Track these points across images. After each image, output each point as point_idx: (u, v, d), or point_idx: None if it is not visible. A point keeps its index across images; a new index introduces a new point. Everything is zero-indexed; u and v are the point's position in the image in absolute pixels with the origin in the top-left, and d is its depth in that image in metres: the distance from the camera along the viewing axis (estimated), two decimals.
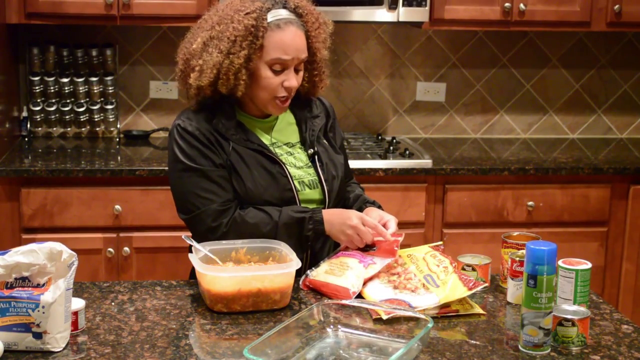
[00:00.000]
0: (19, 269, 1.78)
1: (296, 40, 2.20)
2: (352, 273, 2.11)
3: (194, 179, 2.22)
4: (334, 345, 1.87)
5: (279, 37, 2.19)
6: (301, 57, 2.22)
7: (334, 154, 2.39)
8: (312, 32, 2.25)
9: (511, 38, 4.17)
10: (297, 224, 2.21)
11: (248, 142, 2.26)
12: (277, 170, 2.26)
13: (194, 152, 2.22)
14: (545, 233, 3.31)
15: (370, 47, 4.10)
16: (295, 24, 2.21)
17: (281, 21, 2.20)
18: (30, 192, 3.38)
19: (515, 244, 2.17)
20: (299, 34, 2.21)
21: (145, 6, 3.59)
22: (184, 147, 2.23)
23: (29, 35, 3.87)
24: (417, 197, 3.59)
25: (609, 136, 4.35)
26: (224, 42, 2.17)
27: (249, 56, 2.17)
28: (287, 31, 2.19)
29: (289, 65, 2.21)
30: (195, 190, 2.21)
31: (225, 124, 2.25)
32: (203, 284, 2.02)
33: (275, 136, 2.34)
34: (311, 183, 2.31)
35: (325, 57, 2.34)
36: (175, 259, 3.41)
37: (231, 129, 2.25)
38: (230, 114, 2.27)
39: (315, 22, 2.27)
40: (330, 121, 2.45)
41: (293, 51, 2.20)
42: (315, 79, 2.34)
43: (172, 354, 1.79)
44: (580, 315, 1.86)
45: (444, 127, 4.25)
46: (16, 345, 1.78)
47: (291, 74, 2.22)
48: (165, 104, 4.04)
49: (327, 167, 2.33)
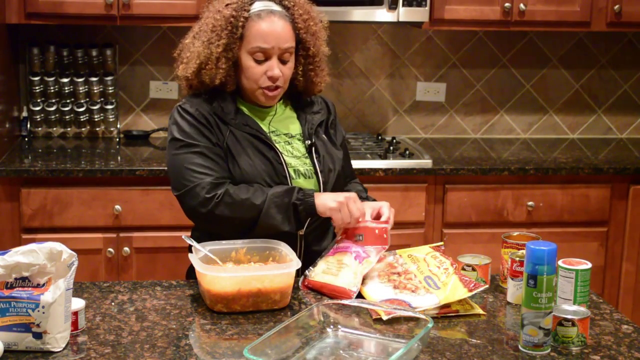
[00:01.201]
0: (19, 269, 1.78)
1: (276, 29, 2.22)
2: (348, 271, 2.11)
3: (190, 156, 2.23)
4: (334, 345, 1.87)
5: (258, 26, 2.23)
6: (283, 47, 2.23)
7: (333, 148, 2.40)
8: (299, 23, 2.27)
9: (511, 38, 4.17)
10: (286, 193, 2.19)
11: (247, 126, 2.28)
12: (273, 156, 2.27)
13: (192, 130, 2.25)
14: (545, 233, 3.31)
15: (370, 47, 4.10)
16: (277, 14, 2.24)
17: (263, 12, 2.24)
18: (30, 192, 3.38)
19: (515, 244, 2.17)
20: (282, 24, 2.23)
21: (145, 6, 3.59)
22: (182, 125, 2.26)
23: (29, 35, 3.87)
24: (417, 197, 3.59)
25: (609, 136, 4.35)
26: (206, 33, 2.26)
27: (228, 45, 2.22)
28: (268, 20, 2.23)
29: (270, 55, 2.23)
30: (191, 167, 2.22)
31: (225, 108, 2.28)
32: (203, 284, 2.02)
33: (274, 125, 2.35)
34: (307, 172, 2.31)
35: (321, 52, 2.35)
36: (175, 259, 3.40)
37: (230, 114, 2.28)
38: (230, 100, 2.30)
39: (304, 13, 2.28)
40: (331, 118, 2.46)
41: (273, 40, 2.22)
42: (310, 74, 2.34)
43: (172, 354, 1.79)
44: (580, 315, 1.86)
45: (444, 127, 4.25)
46: (16, 345, 1.78)
47: (274, 64, 2.24)
48: (165, 104, 4.04)
49: (324, 159, 2.34)
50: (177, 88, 4.01)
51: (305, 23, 2.28)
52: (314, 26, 2.31)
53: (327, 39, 2.38)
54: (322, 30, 2.35)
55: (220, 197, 2.18)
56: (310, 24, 2.30)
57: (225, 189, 2.19)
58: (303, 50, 2.30)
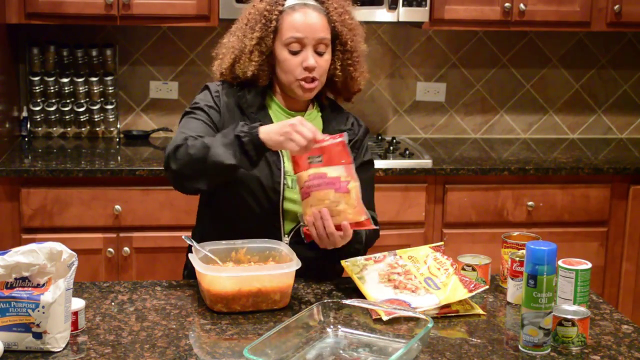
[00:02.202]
0: (19, 269, 1.78)
1: (310, 19, 2.24)
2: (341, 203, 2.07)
3: (188, 120, 2.25)
4: (334, 345, 1.87)
5: (292, 17, 2.25)
6: (317, 37, 2.24)
7: None
8: (334, 16, 2.27)
9: (511, 38, 4.17)
10: (232, 128, 2.11)
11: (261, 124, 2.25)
12: (274, 161, 2.26)
13: (202, 102, 2.28)
14: (545, 233, 3.32)
15: (370, 47, 4.07)
16: (311, 7, 2.26)
17: (297, 4, 2.26)
18: (30, 192, 3.38)
19: (515, 244, 2.17)
20: (315, 15, 2.25)
21: (145, 6, 3.59)
22: (199, 96, 2.32)
23: (29, 35, 3.87)
24: (417, 197, 3.59)
25: (609, 136, 4.35)
26: (241, 28, 2.30)
27: (261, 38, 2.25)
28: (301, 12, 2.25)
29: (305, 44, 2.24)
30: (183, 129, 2.22)
31: (250, 100, 2.30)
32: (203, 284, 2.02)
33: None
34: None
35: (360, 48, 2.35)
36: (175, 259, 3.40)
37: (253, 107, 2.29)
38: (258, 95, 2.31)
39: (339, 7, 2.30)
40: (356, 139, 2.39)
41: (306, 29, 2.23)
42: (349, 68, 2.34)
43: (172, 354, 1.79)
44: (580, 315, 1.86)
45: (444, 127, 4.25)
46: (16, 345, 1.78)
47: (308, 54, 2.24)
48: (165, 104, 4.04)
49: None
50: (177, 88, 4.01)
51: (341, 17, 2.29)
52: (350, 20, 2.32)
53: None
54: (359, 27, 2.35)
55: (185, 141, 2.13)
56: (346, 17, 2.30)
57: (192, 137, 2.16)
58: (340, 45, 2.31)
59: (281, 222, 2.27)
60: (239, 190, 2.24)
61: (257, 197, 2.25)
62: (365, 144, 2.43)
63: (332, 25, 2.28)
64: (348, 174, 2.09)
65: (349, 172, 2.09)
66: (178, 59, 4.01)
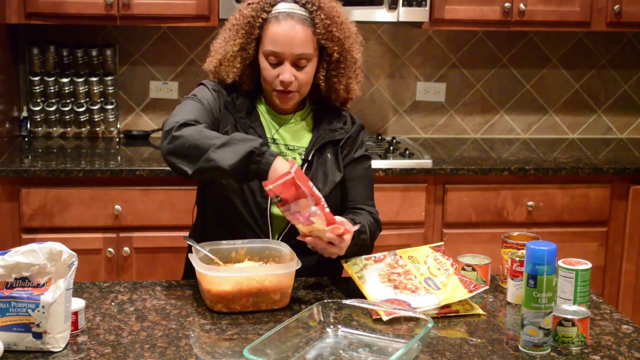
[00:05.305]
0: (19, 269, 1.78)
1: (290, 34, 2.19)
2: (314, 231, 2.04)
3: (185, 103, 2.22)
4: (334, 345, 1.87)
5: (274, 29, 2.20)
6: (296, 53, 2.19)
7: (333, 169, 2.30)
8: (319, 29, 2.21)
9: (511, 38, 4.17)
10: (251, 139, 2.05)
11: (250, 128, 2.25)
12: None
13: (199, 96, 2.25)
14: (545, 233, 3.32)
15: (370, 47, 4.10)
16: (296, 18, 2.20)
17: (281, 14, 2.21)
18: (30, 192, 3.38)
19: (515, 244, 2.17)
20: (299, 28, 2.19)
21: (145, 6, 3.59)
22: (194, 91, 2.29)
23: (29, 35, 3.87)
24: (417, 197, 3.59)
25: (609, 136, 4.35)
26: (226, 31, 2.29)
27: (243, 45, 2.23)
28: (283, 24, 2.20)
29: (282, 59, 2.21)
30: (179, 112, 2.18)
31: (239, 105, 2.27)
32: (203, 284, 2.02)
33: (281, 133, 2.30)
34: None
35: (349, 58, 2.28)
36: (175, 259, 3.39)
37: (241, 112, 2.27)
38: (247, 99, 2.29)
39: (326, 18, 2.22)
40: (347, 136, 2.34)
41: (285, 45, 2.19)
42: (332, 80, 2.29)
43: (172, 354, 1.79)
44: (580, 315, 1.86)
45: (444, 127, 4.25)
46: (16, 345, 1.78)
47: (285, 68, 2.20)
48: (165, 104, 4.04)
49: (314, 178, 2.24)
50: (177, 88, 4.01)
51: (327, 29, 2.21)
52: (337, 32, 2.23)
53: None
54: (350, 37, 2.27)
55: (187, 123, 2.09)
56: (333, 29, 2.22)
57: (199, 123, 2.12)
58: (326, 55, 2.25)
59: (269, 225, 2.25)
60: (225, 191, 2.23)
61: (245, 199, 2.23)
62: (360, 140, 2.39)
63: (317, 37, 2.22)
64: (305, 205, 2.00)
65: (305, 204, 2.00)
66: (178, 59, 4.01)
